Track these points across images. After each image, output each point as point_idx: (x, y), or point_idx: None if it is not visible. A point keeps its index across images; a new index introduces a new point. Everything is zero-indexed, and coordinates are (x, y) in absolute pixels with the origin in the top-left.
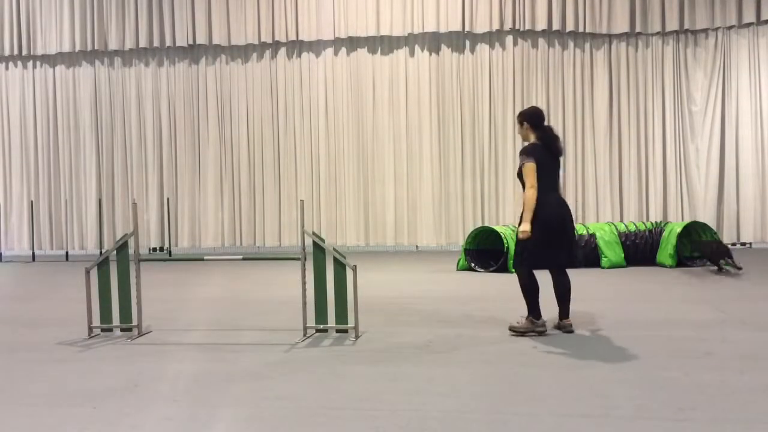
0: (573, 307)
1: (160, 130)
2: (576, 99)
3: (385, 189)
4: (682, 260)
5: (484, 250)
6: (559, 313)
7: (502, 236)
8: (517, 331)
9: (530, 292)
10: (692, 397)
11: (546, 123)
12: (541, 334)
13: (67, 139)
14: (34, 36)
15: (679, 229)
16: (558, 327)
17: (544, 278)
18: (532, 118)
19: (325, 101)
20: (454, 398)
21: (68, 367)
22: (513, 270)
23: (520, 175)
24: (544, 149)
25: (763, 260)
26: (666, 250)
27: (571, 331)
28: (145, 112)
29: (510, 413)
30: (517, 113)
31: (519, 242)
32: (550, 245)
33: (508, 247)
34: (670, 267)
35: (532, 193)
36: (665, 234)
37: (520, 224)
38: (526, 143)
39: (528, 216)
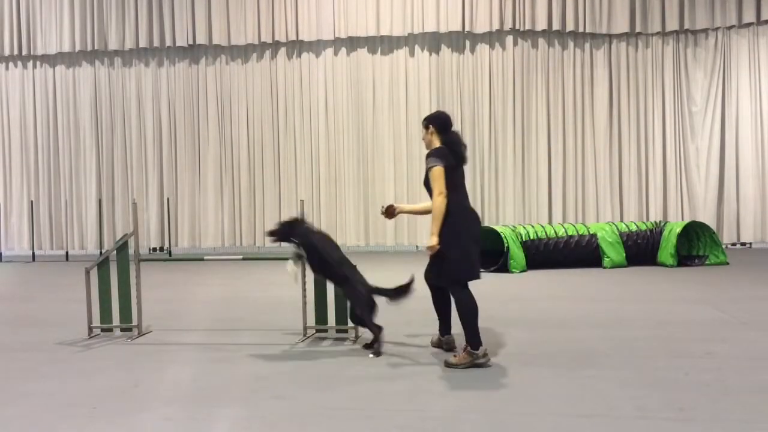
0: (575, 306)
1: (160, 130)
2: (576, 99)
3: (385, 189)
4: (682, 260)
5: (484, 250)
6: (443, 329)
7: (503, 236)
8: (457, 367)
9: (474, 313)
10: (692, 397)
11: (453, 129)
12: (485, 365)
13: (67, 139)
14: (34, 36)
15: (678, 229)
16: (442, 344)
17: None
18: (436, 123)
19: (325, 101)
20: (454, 398)
21: (68, 367)
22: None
23: (426, 182)
24: (451, 155)
25: (763, 260)
26: (666, 250)
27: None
28: (145, 112)
29: (510, 413)
30: (522, 115)
31: (442, 260)
32: (473, 255)
33: (508, 247)
34: (671, 266)
35: (441, 201)
36: (665, 233)
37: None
38: (434, 147)
39: (437, 226)
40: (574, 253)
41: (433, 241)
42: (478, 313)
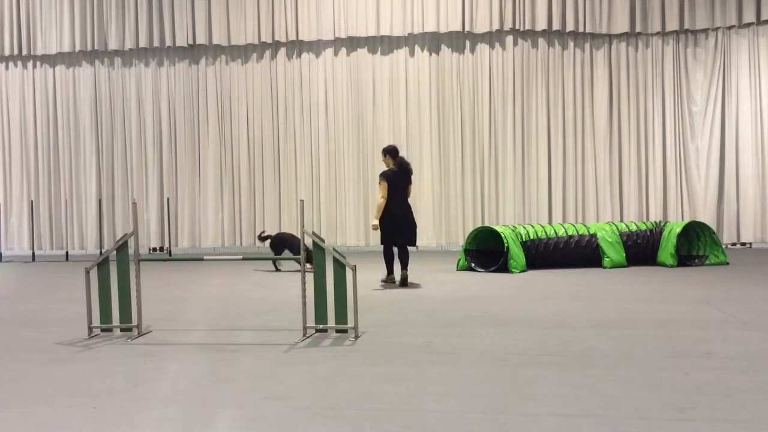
0: (575, 306)
1: (160, 130)
2: (576, 99)
3: None
4: (682, 260)
5: (484, 250)
6: (401, 268)
7: (503, 236)
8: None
9: (388, 258)
10: (692, 397)
11: (401, 155)
12: (392, 282)
13: (67, 139)
14: (34, 36)
15: (678, 229)
16: (402, 278)
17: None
18: (390, 153)
19: (325, 101)
20: (454, 398)
21: (68, 367)
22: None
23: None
24: (398, 172)
25: (763, 260)
26: (666, 250)
27: (406, 277)
28: (145, 112)
29: (510, 413)
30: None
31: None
32: (396, 231)
33: (508, 247)
34: (671, 266)
35: (381, 201)
36: (665, 234)
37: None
38: (386, 168)
39: (377, 214)
40: (574, 253)
41: (374, 222)
42: (390, 259)
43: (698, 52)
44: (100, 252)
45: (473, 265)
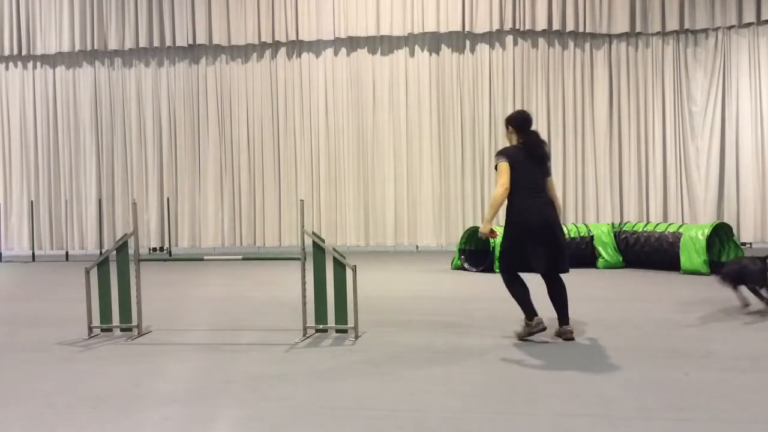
0: (574, 306)
1: (160, 130)
2: (576, 99)
3: (385, 189)
4: (712, 267)
5: (476, 250)
6: (558, 319)
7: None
8: (521, 338)
9: (515, 295)
10: (692, 397)
11: (532, 128)
12: (542, 330)
13: (67, 139)
14: (34, 36)
15: (707, 231)
16: (558, 334)
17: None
18: (515, 122)
19: (325, 101)
20: (453, 398)
21: (68, 367)
22: (498, 272)
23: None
24: (524, 152)
25: None
26: (693, 255)
27: (571, 339)
28: (145, 112)
29: (510, 413)
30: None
31: (501, 245)
32: (526, 248)
33: (493, 247)
34: (706, 274)
35: (500, 192)
36: (684, 238)
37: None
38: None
39: (490, 216)
40: (573, 253)
41: (484, 227)
42: (526, 293)
43: (698, 52)
44: (100, 252)
45: (466, 265)
